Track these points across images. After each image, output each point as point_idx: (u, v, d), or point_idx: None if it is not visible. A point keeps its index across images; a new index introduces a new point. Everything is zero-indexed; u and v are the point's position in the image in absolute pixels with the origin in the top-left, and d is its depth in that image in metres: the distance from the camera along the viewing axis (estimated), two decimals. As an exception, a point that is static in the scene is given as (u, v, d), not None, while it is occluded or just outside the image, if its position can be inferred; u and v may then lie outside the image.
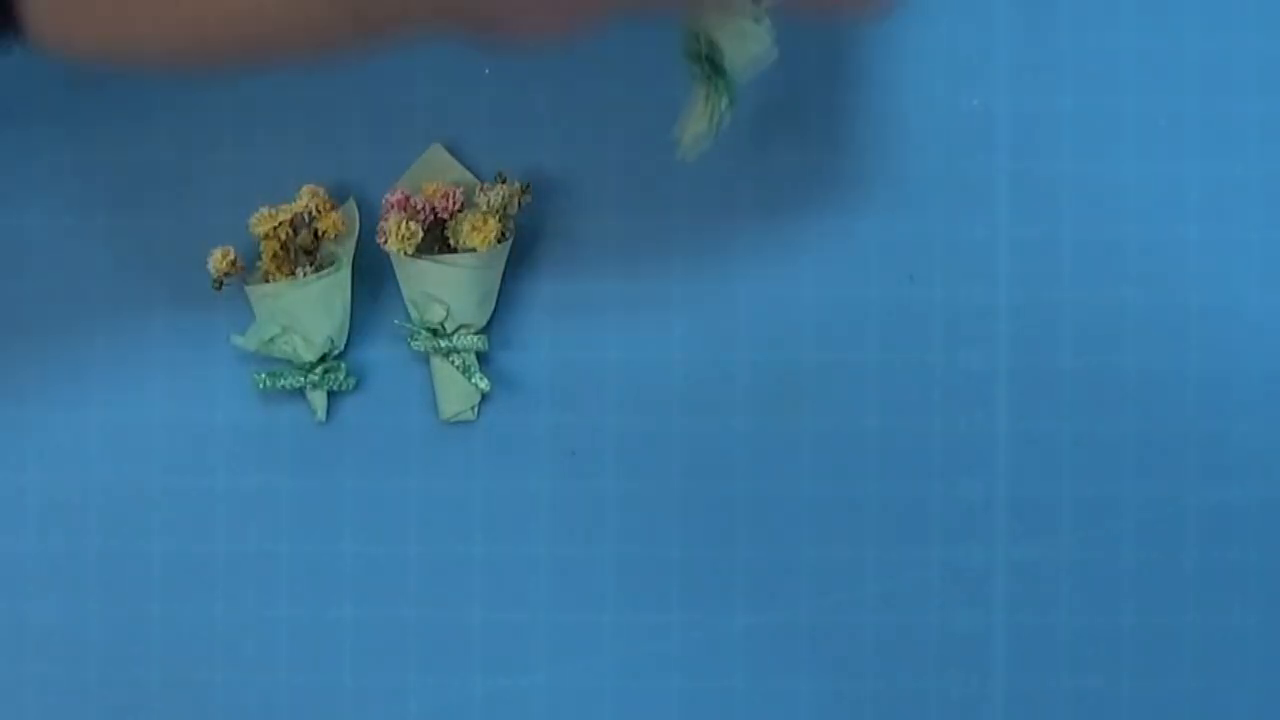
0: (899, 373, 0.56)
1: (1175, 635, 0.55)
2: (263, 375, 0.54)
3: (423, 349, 0.55)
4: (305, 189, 0.54)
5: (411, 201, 0.53)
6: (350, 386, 0.55)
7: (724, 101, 0.51)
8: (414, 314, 0.55)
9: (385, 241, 0.53)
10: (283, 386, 0.54)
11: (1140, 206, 0.56)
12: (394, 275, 0.55)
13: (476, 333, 0.55)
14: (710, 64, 0.51)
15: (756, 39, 0.50)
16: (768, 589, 0.55)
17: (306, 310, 0.54)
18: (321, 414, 0.55)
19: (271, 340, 0.54)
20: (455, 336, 0.54)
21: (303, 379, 0.54)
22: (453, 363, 0.54)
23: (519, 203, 0.55)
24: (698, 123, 0.51)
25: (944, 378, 0.56)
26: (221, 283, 0.54)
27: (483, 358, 0.55)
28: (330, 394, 0.55)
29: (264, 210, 0.54)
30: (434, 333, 0.54)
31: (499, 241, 0.54)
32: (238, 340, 0.54)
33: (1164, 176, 0.56)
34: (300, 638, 0.55)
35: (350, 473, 0.56)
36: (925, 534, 0.55)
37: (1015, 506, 0.55)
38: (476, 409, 0.56)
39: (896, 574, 0.55)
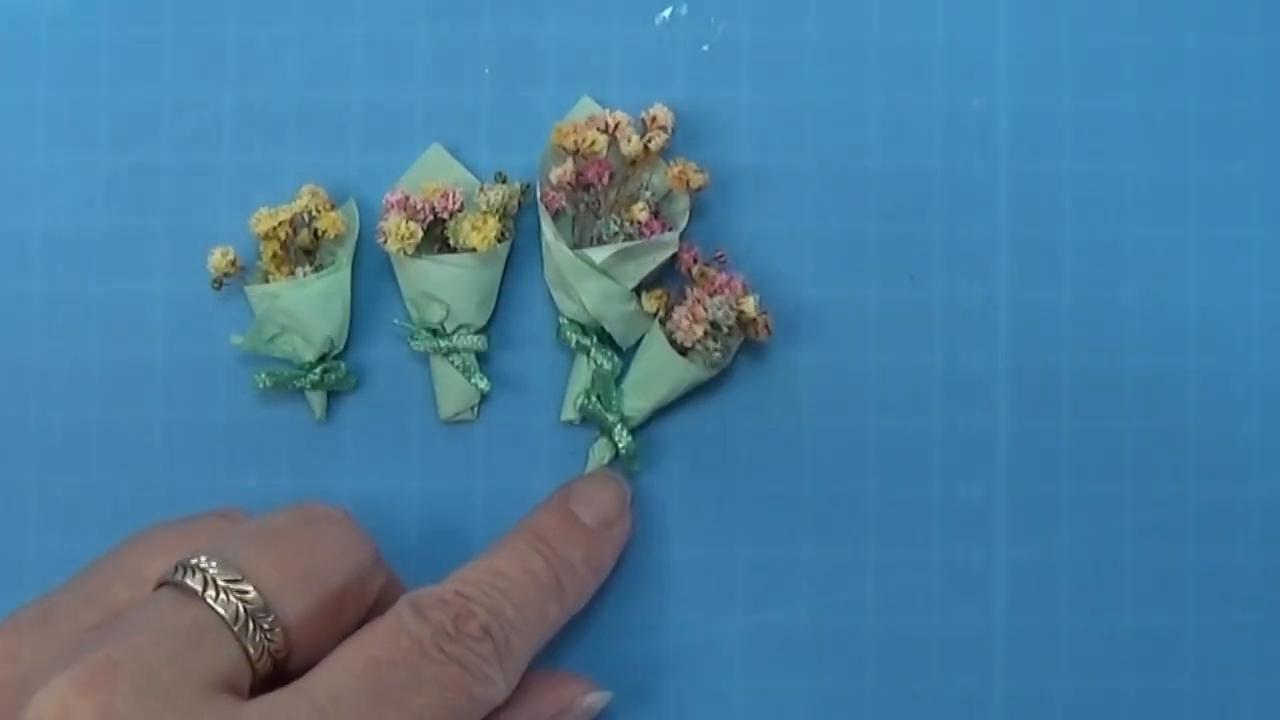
0: (899, 373, 0.55)
1: (1175, 635, 0.55)
2: (263, 375, 0.54)
3: (423, 349, 0.54)
4: (305, 189, 0.54)
5: (411, 201, 0.53)
6: (350, 386, 0.55)
7: (608, 366, 0.53)
8: (414, 314, 0.55)
9: (385, 241, 0.53)
10: (283, 386, 0.54)
11: (1140, 206, 0.56)
12: (394, 275, 0.55)
13: (476, 333, 0.55)
14: (596, 335, 0.53)
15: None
16: (768, 589, 0.55)
17: (306, 310, 0.54)
18: (321, 414, 0.55)
19: (271, 340, 0.54)
20: (455, 336, 0.54)
21: (303, 379, 0.54)
22: (453, 363, 0.54)
23: (519, 203, 0.55)
24: (584, 391, 0.54)
25: (944, 378, 0.56)
26: (221, 283, 0.54)
27: (483, 358, 0.55)
28: (330, 394, 0.55)
29: (264, 210, 0.54)
30: (434, 333, 0.54)
31: (499, 241, 0.54)
32: (238, 340, 0.54)
33: (1164, 176, 0.56)
34: (300, 638, 0.55)
35: (350, 473, 0.56)
36: (925, 534, 0.55)
37: (1015, 506, 0.55)
38: (476, 409, 0.56)
39: (896, 574, 0.55)
